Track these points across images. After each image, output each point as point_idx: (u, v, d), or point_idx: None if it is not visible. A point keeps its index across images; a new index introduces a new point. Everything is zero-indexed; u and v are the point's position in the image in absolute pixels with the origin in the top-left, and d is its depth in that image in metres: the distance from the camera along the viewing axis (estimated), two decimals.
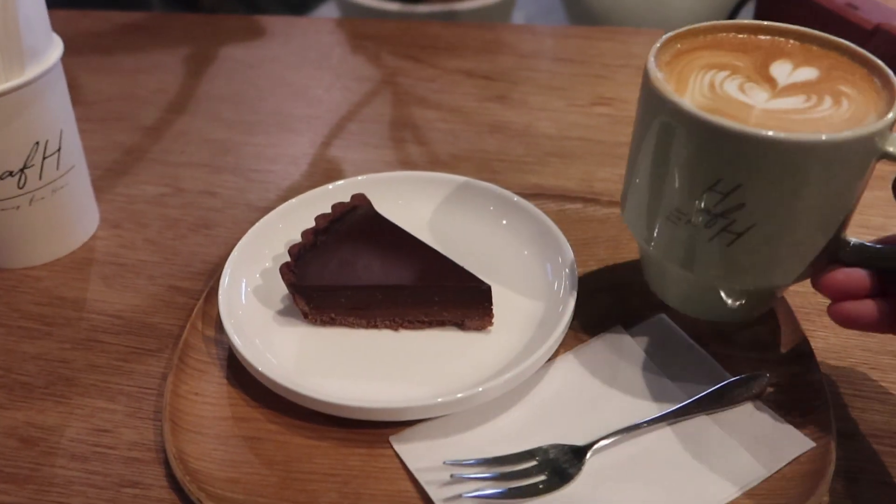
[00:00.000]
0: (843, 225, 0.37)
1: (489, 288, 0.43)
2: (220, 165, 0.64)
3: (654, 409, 0.41)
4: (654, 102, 0.36)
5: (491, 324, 0.45)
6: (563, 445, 0.39)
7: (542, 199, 0.55)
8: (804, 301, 0.48)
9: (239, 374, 0.43)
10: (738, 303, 0.42)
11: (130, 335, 0.48)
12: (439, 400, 0.39)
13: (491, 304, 0.44)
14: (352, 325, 0.46)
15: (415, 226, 0.49)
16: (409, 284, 0.44)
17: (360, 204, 0.50)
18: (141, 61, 0.81)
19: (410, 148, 0.67)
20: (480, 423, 0.41)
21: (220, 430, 0.41)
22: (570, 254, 0.47)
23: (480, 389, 0.39)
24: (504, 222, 0.52)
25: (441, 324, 0.45)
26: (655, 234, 0.39)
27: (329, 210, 0.49)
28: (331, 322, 0.46)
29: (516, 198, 0.52)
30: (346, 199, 0.50)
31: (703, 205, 0.36)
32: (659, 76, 0.36)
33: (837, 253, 0.37)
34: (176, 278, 0.52)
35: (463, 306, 0.44)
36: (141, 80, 0.78)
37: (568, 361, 0.44)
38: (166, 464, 0.39)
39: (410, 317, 0.45)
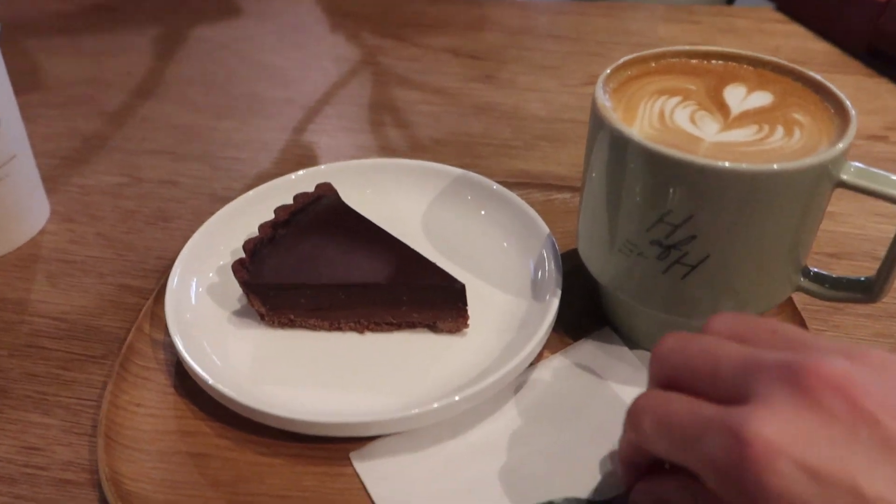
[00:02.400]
0: (802, 254, 0.35)
1: (463, 287, 0.39)
2: (184, 153, 0.60)
3: None
4: (601, 132, 0.34)
5: (466, 325, 0.41)
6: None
7: (527, 189, 0.51)
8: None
9: (187, 382, 0.39)
10: None
11: (74, 340, 0.44)
12: (405, 413, 0.35)
13: (465, 304, 0.40)
14: (313, 328, 0.41)
15: (385, 217, 0.45)
16: (376, 283, 0.39)
17: (324, 194, 0.45)
18: (107, 43, 0.77)
19: (390, 132, 0.63)
20: (453, 435, 0.37)
21: (161, 446, 0.37)
22: (555, 247, 0.43)
23: (457, 399, 0.35)
24: (483, 213, 0.48)
25: (411, 325, 0.41)
26: (608, 268, 0.38)
27: (291, 201, 0.45)
28: (290, 324, 0.41)
29: (496, 186, 0.48)
30: (311, 188, 0.46)
31: (654, 237, 0.34)
32: (607, 104, 0.35)
33: (798, 282, 0.37)
34: (128, 276, 0.48)
35: (435, 307, 0.40)
36: (106, 62, 0.73)
37: (551, 366, 0.40)
38: (101, 486, 0.35)
39: (377, 318, 0.41)
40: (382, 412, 0.35)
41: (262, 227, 0.42)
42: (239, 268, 0.40)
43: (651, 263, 0.35)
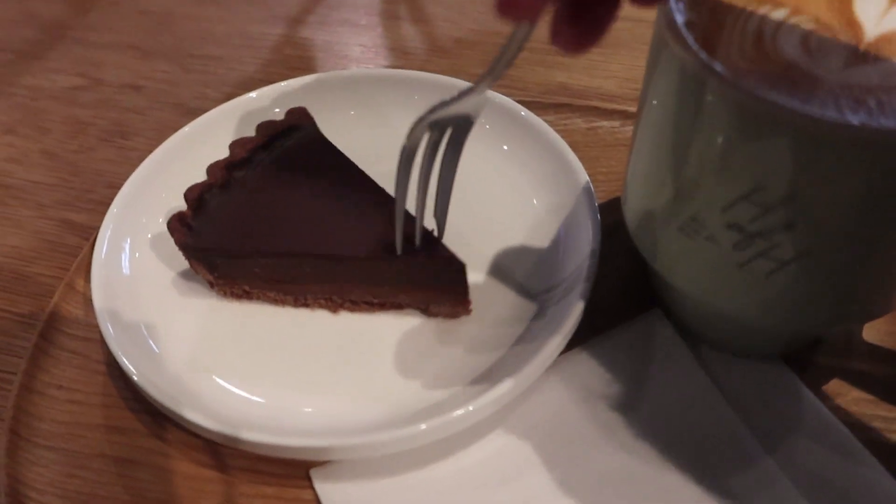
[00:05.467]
0: None
1: (463, 267, 0.30)
2: (153, 48, 0.50)
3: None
4: (665, 55, 0.24)
5: (468, 311, 0.32)
6: None
7: (565, 114, 0.41)
8: None
9: None
10: (775, 341, 0.31)
11: None
12: (380, 436, 0.27)
13: (466, 287, 0.31)
14: (274, 302, 0.33)
15: (373, 150, 0.35)
16: (348, 255, 0.30)
17: (298, 123, 0.35)
18: None
19: (403, 29, 0.51)
20: (446, 455, 0.29)
21: (81, 445, 0.30)
22: (594, 206, 0.33)
23: (455, 414, 0.27)
24: (505, 148, 0.37)
25: (397, 307, 0.32)
26: (663, 248, 0.28)
27: (253, 133, 0.35)
28: (245, 296, 0.33)
29: (524, 112, 0.37)
30: (283, 112, 0.36)
31: (733, 219, 0.24)
32: (678, 17, 0.23)
33: None
34: (71, 208, 0.40)
35: (427, 287, 0.31)
36: None
37: (579, 362, 0.31)
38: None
39: (354, 296, 0.32)
40: (352, 431, 0.27)
41: (211, 170, 0.33)
42: (178, 225, 0.31)
43: (723, 253, 0.25)
